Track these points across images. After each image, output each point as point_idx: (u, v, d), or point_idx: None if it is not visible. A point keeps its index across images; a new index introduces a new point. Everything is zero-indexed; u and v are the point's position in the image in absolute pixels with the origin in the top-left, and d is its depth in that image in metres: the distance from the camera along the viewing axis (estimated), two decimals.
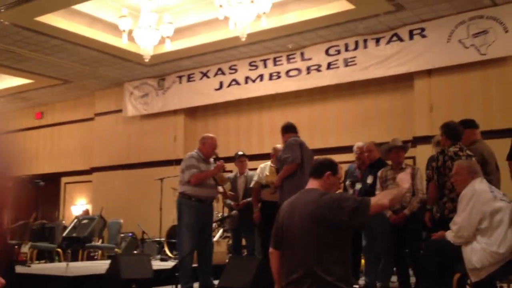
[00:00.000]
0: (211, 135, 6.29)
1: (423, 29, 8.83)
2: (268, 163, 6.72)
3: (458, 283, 3.98)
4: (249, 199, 6.90)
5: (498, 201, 3.95)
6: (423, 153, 8.23)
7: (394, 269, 5.78)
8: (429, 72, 8.94)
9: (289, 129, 6.21)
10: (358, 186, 6.14)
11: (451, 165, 4.58)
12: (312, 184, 3.15)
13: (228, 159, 7.16)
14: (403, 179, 3.11)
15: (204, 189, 5.98)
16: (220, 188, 6.37)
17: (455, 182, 4.28)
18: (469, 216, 3.92)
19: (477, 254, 3.83)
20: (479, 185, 4.07)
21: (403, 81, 9.28)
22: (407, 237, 5.42)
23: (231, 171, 7.68)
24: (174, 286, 4.54)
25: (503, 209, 3.90)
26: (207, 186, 6.00)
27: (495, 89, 8.36)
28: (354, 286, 6.03)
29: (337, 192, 3.41)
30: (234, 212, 6.44)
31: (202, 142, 6.18)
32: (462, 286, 4.06)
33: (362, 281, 6.26)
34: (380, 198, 2.94)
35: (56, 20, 9.15)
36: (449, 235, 4.08)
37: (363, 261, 6.36)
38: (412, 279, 5.58)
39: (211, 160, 6.15)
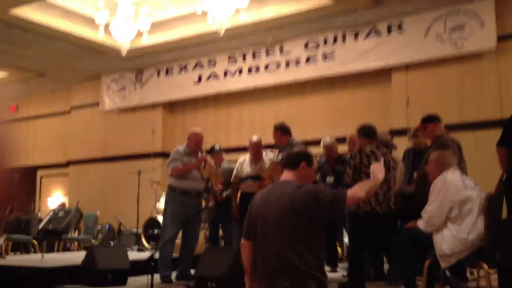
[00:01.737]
0: (196, 130, 6.37)
1: (401, 24, 8.92)
2: (247, 156, 6.73)
3: (429, 269, 4.04)
4: (227, 192, 6.91)
5: (468, 190, 4.01)
6: (400, 146, 8.30)
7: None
8: (406, 67, 9.04)
9: (287, 131, 6.36)
10: (330, 179, 6.22)
11: (367, 163, 4.92)
12: (287, 175, 3.09)
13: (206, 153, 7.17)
14: (377, 169, 3.08)
15: (188, 181, 6.07)
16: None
17: (428, 171, 4.36)
18: (440, 205, 3.98)
19: (447, 241, 3.90)
20: (451, 175, 4.14)
21: (381, 75, 9.36)
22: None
23: (210, 165, 7.69)
24: (149, 276, 4.50)
25: (473, 198, 3.97)
26: (191, 178, 6.09)
27: (469, 83, 8.48)
28: (334, 273, 6.11)
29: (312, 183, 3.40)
30: (210, 204, 6.45)
31: (188, 138, 6.30)
32: (433, 272, 4.13)
33: (340, 269, 6.35)
34: (357, 190, 2.89)
35: (31, 13, 9.01)
36: (421, 223, 4.14)
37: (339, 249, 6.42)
38: (386, 266, 5.66)
39: (200, 154, 6.20)
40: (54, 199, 13.24)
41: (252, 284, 3.09)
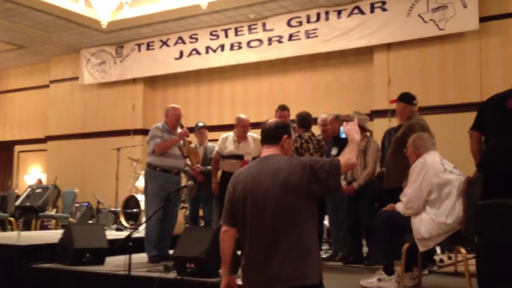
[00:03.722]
0: (174, 105, 6.23)
1: (384, 2, 8.88)
2: (231, 133, 6.67)
3: (407, 253, 4.06)
4: (209, 167, 6.86)
5: (447, 174, 4.01)
6: (381, 127, 8.33)
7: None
8: (388, 46, 9.01)
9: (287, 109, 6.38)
10: (334, 151, 6.18)
11: (306, 147, 5.54)
12: (269, 151, 2.88)
13: (187, 130, 7.06)
14: (352, 129, 2.91)
15: (169, 159, 5.94)
16: (187, 161, 6.33)
17: (407, 155, 4.36)
18: (419, 188, 3.98)
19: (425, 225, 3.91)
20: (431, 157, 4.13)
21: (364, 54, 9.33)
22: (359, 208, 5.51)
23: (190, 142, 7.62)
24: (128, 256, 4.46)
25: (452, 181, 3.97)
26: (172, 156, 5.96)
27: (451, 64, 8.50)
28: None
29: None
30: (190, 182, 6.38)
31: (166, 114, 6.13)
32: (411, 255, 4.15)
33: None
34: (349, 157, 2.78)
35: None
36: (399, 206, 4.14)
37: None
38: (365, 249, 5.70)
39: (179, 130, 6.06)
40: (32, 175, 13.07)
41: (230, 277, 2.90)
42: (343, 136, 5.77)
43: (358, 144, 2.93)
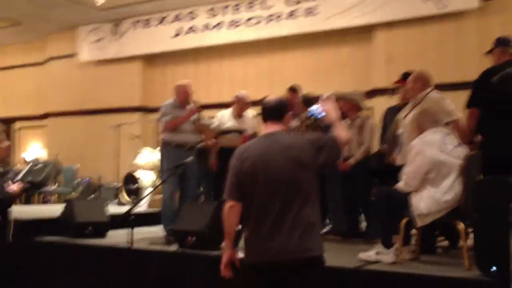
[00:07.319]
0: (183, 82, 6.28)
1: None
2: (228, 110, 6.70)
3: (405, 227, 4.13)
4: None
5: (447, 152, 4.00)
6: (380, 105, 8.35)
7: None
8: (388, 25, 8.99)
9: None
10: None
11: (317, 125, 5.43)
12: (274, 127, 2.92)
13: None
14: (330, 109, 3.00)
15: (181, 135, 6.01)
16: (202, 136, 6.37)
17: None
18: (417, 167, 4.00)
19: (425, 201, 3.95)
20: (430, 136, 4.11)
21: (364, 32, 9.31)
22: (356, 184, 5.58)
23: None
24: (130, 229, 4.53)
25: (451, 161, 3.95)
26: (185, 131, 6.03)
27: (451, 42, 8.50)
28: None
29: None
30: (189, 159, 6.41)
31: (175, 91, 6.19)
32: (408, 230, 4.22)
33: None
34: (344, 133, 2.89)
35: None
36: (400, 184, 4.18)
37: None
38: (363, 224, 5.78)
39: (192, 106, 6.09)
40: (32, 151, 13.10)
41: (233, 251, 2.97)
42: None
43: (340, 119, 3.02)
